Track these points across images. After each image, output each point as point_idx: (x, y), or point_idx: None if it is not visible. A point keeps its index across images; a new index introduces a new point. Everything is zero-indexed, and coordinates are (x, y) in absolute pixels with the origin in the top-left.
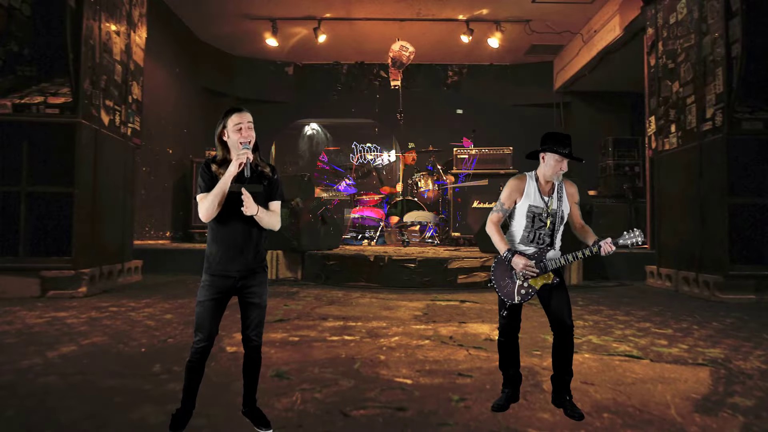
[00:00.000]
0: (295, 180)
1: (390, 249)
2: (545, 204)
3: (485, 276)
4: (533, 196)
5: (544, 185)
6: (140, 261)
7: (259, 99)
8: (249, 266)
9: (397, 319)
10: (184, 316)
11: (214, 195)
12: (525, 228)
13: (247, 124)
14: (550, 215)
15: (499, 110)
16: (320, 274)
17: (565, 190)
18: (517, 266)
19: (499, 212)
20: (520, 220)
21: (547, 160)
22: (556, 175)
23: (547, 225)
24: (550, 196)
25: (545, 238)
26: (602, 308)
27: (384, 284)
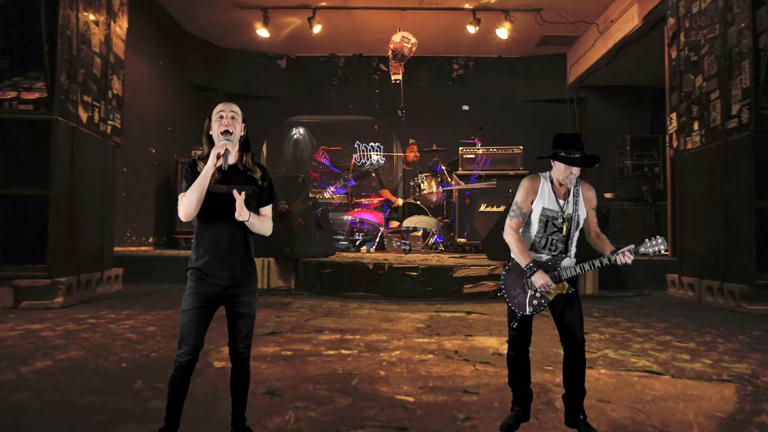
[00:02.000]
0: (287, 181)
1: (390, 256)
2: (560, 208)
3: (494, 285)
4: (547, 198)
5: (559, 188)
6: (121, 269)
7: (249, 94)
8: (237, 273)
9: (398, 332)
10: (168, 329)
11: (192, 191)
12: (537, 233)
13: (230, 113)
14: (566, 220)
15: (509, 106)
16: (315, 283)
17: (582, 194)
18: (536, 283)
19: (518, 217)
20: (533, 224)
21: (557, 165)
22: (569, 180)
23: (562, 231)
24: (565, 200)
25: (559, 244)
26: (619, 320)
27: (384, 294)
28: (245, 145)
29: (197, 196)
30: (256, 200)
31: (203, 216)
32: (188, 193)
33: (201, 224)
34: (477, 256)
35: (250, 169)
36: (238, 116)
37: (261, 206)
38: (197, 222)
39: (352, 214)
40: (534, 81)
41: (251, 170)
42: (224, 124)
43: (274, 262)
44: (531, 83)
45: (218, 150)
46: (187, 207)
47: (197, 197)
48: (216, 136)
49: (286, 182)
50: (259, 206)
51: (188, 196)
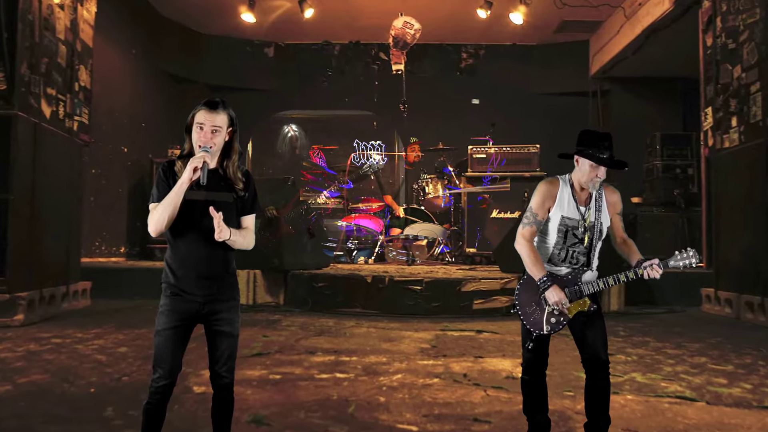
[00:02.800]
0: (275, 184)
1: (391, 268)
2: (581, 216)
3: (507, 301)
4: (567, 205)
5: (579, 193)
6: (89, 282)
7: (232, 86)
8: (217, 288)
9: (400, 353)
10: (141, 350)
11: (164, 206)
12: (556, 244)
13: (210, 127)
14: (588, 230)
15: (524, 100)
16: (307, 298)
17: (605, 198)
18: (550, 299)
19: (532, 225)
20: (551, 234)
21: (581, 165)
22: (592, 183)
23: (584, 242)
24: (587, 206)
25: (580, 257)
26: (648, 340)
27: (384, 311)
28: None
29: (169, 213)
30: (235, 210)
31: (178, 225)
32: (159, 208)
33: (175, 234)
34: (488, 268)
35: (231, 178)
36: (221, 130)
37: (243, 214)
38: (170, 233)
39: (348, 220)
40: (552, 71)
41: (233, 175)
42: (202, 139)
43: (260, 275)
44: (549, 74)
45: (195, 163)
46: (157, 223)
47: (169, 214)
48: (195, 144)
49: (274, 185)
50: (242, 214)
51: (159, 211)
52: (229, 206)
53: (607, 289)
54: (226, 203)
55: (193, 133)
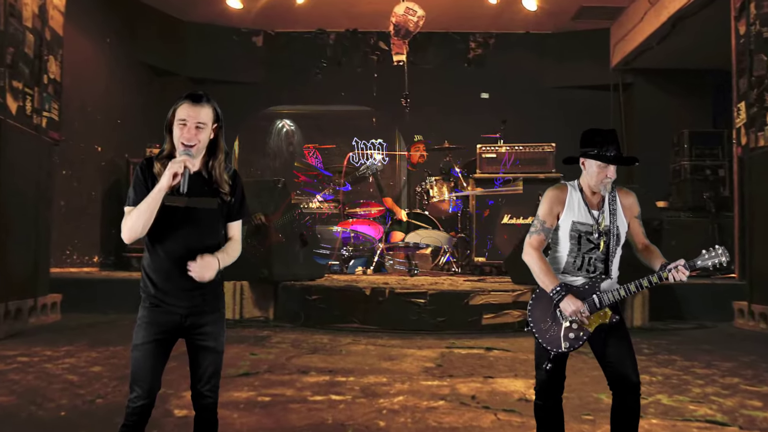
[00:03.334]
0: (264, 187)
1: (392, 279)
2: (595, 220)
3: (520, 315)
4: (577, 209)
5: (591, 197)
6: (59, 295)
7: (217, 79)
8: (200, 300)
9: (402, 373)
10: (117, 369)
11: (139, 212)
12: (570, 252)
13: (194, 122)
14: (603, 234)
15: (538, 94)
16: (299, 312)
17: (620, 201)
18: (566, 310)
19: (540, 233)
20: (563, 241)
21: (587, 168)
22: (603, 185)
23: (600, 247)
24: (600, 210)
25: (598, 264)
26: (675, 358)
27: (384, 326)
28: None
29: (144, 220)
30: (220, 216)
31: (156, 233)
32: (134, 214)
33: (154, 240)
34: (499, 279)
35: (216, 180)
36: (206, 127)
37: (230, 220)
38: (148, 239)
39: (345, 225)
40: (569, 62)
41: (217, 182)
42: (185, 136)
43: (248, 287)
44: (565, 65)
45: (175, 168)
46: (131, 230)
47: (144, 221)
48: (177, 142)
49: (263, 188)
50: (228, 221)
51: (133, 217)
52: (213, 213)
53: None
54: (209, 210)
55: (175, 130)
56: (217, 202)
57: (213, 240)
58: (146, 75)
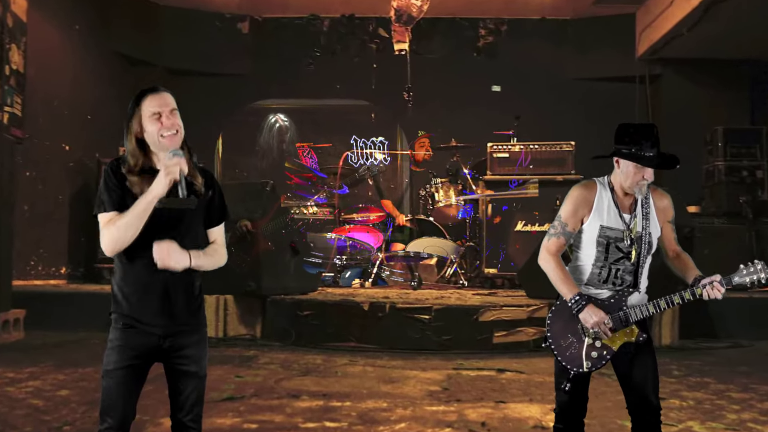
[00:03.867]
0: (251, 190)
1: (393, 292)
2: (626, 225)
3: (535, 333)
4: (607, 212)
5: (622, 198)
6: (22, 311)
7: (199, 70)
8: (180, 317)
9: (404, 397)
10: (86, 393)
11: (128, 222)
12: (596, 261)
13: (168, 111)
14: (635, 242)
15: (555, 87)
16: (289, 329)
17: (654, 203)
18: (588, 321)
19: (560, 236)
20: (587, 248)
21: (622, 167)
22: (638, 188)
23: (630, 257)
24: (632, 214)
25: (626, 276)
26: (708, 381)
27: (384, 345)
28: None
29: (134, 230)
30: (201, 218)
31: None
32: (121, 224)
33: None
34: (512, 293)
35: (191, 173)
36: (177, 110)
37: (210, 226)
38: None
39: (341, 233)
40: (590, 52)
41: (193, 176)
42: (166, 124)
43: (232, 302)
44: (586, 55)
45: (174, 175)
46: (118, 242)
47: (133, 231)
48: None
49: (249, 191)
50: (208, 226)
51: (121, 228)
52: (193, 214)
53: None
54: (187, 210)
55: (149, 125)
56: (195, 202)
57: (194, 245)
58: (119, 65)
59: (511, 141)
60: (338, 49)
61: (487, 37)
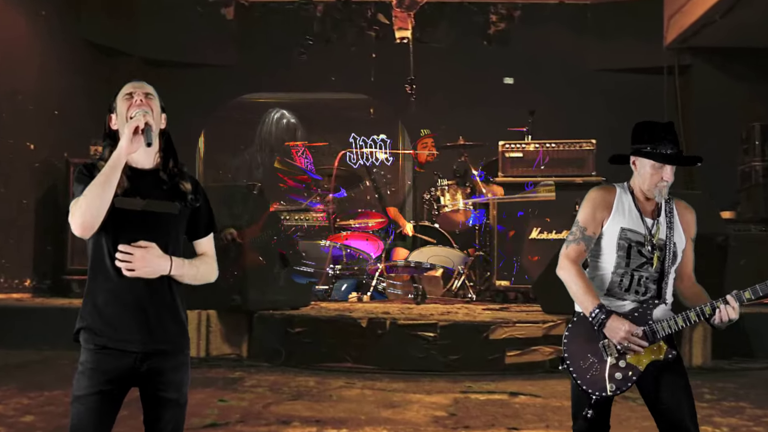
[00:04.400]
0: (236, 194)
1: (394, 307)
2: (648, 230)
3: (552, 352)
4: (628, 214)
5: (644, 202)
6: None
7: (179, 60)
8: (158, 336)
9: (407, 424)
10: (53, 419)
11: (94, 187)
12: (617, 267)
13: (141, 93)
14: (657, 248)
15: (575, 79)
16: (279, 349)
17: (678, 215)
18: (615, 335)
19: (579, 242)
20: (607, 253)
21: (639, 168)
22: (658, 190)
23: (653, 263)
24: (654, 219)
25: (649, 285)
26: (744, 405)
27: (384, 366)
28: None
29: (101, 194)
30: (184, 227)
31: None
32: (88, 191)
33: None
34: (526, 308)
35: (177, 176)
36: (155, 97)
37: (196, 238)
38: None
39: (337, 240)
40: (614, 40)
41: (179, 179)
42: (135, 103)
43: (216, 318)
44: (609, 43)
45: (135, 122)
46: (87, 212)
47: (101, 198)
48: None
49: (234, 195)
50: (193, 238)
51: (88, 195)
52: (175, 220)
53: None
54: (169, 216)
55: (120, 107)
56: (178, 207)
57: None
58: (90, 56)
59: (525, 139)
60: (333, 36)
61: (498, 24)
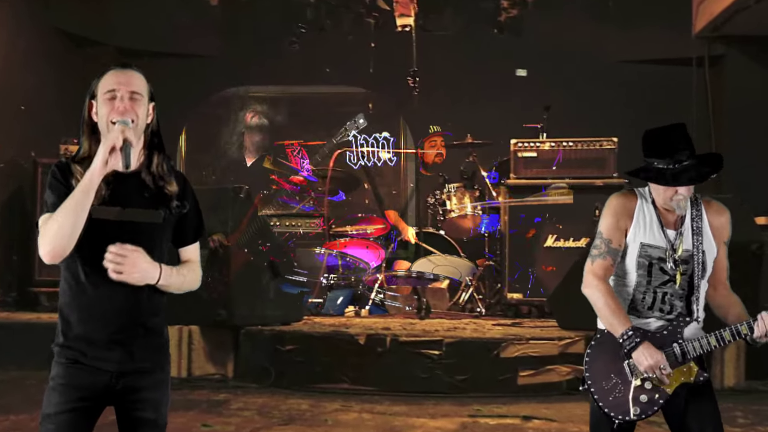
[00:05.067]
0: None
1: (395, 322)
2: (669, 243)
3: (569, 372)
4: (648, 226)
5: (665, 212)
6: None
7: (158, 50)
8: (136, 353)
9: None
10: None
11: (65, 211)
12: (638, 285)
13: (127, 91)
14: (681, 262)
15: (595, 71)
16: (268, 368)
17: (707, 217)
18: (641, 363)
19: (605, 256)
20: (627, 271)
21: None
22: (675, 203)
23: (677, 280)
24: (677, 230)
25: (675, 302)
26: None
27: (384, 387)
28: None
29: (73, 220)
30: (170, 234)
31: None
32: (58, 215)
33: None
34: (541, 323)
35: (163, 178)
36: (142, 96)
37: (183, 245)
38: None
39: (332, 247)
40: (637, 28)
41: (165, 181)
42: (118, 109)
43: (198, 334)
44: (631, 33)
45: (112, 141)
46: (56, 239)
47: (73, 222)
48: (105, 124)
49: (219, 198)
50: (180, 245)
51: (58, 218)
52: (159, 229)
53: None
54: (152, 225)
55: (101, 107)
56: (161, 215)
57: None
58: (61, 45)
59: (540, 137)
60: (328, 24)
61: (510, 10)
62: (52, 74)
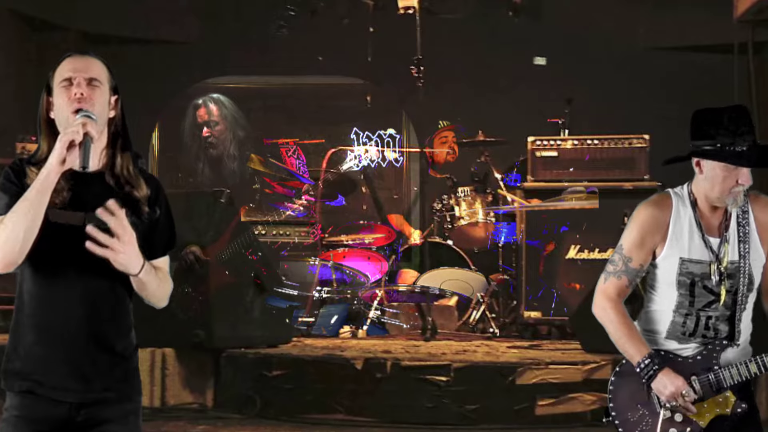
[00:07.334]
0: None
1: (397, 344)
2: (714, 254)
3: (594, 401)
4: (689, 239)
5: (709, 215)
6: None
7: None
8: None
9: None
10: None
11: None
12: (678, 308)
13: (84, 77)
14: (727, 277)
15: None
16: (253, 396)
17: (755, 216)
18: (662, 392)
19: (621, 276)
20: (665, 289)
21: (706, 171)
22: (732, 197)
23: (720, 298)
24: (722, 237)
25: (720, 326)
26: None
27: (384, 417)
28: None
29: (26, 224)
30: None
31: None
32: (10, 219)
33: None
34: (561, 345)
35: (129, 181)
36: (102, 83)
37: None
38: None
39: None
40: (670, 13)
41: (132, 184)
42: (74, 96)
43: (173, 358)
44: (664, 17)
45: (71, 135)
46: (7, 245)
47: (26, 226)
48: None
49: (197, 204)
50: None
51: (9, 224)
52: None
53: (764, 377)
54: None
55: (57, 98)
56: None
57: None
58: (17, 30)
59: (561, 134)
60: (321, 6)
61: None
62: (5, 63)
